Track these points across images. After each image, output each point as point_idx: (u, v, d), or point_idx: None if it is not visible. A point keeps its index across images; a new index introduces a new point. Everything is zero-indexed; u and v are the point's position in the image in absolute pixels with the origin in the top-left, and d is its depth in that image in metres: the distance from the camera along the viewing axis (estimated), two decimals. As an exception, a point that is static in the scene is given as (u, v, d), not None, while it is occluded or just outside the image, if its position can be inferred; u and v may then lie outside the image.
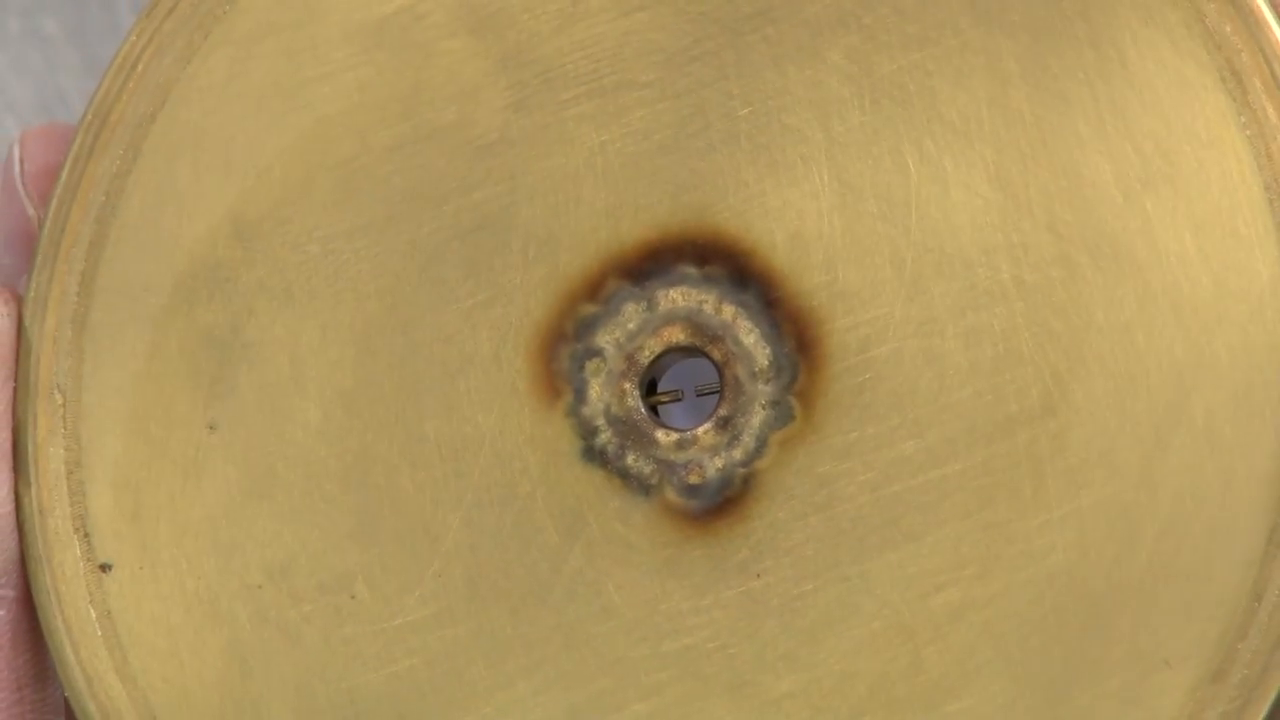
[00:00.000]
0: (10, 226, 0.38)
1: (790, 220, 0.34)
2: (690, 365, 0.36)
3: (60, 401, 0.36)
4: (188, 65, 0.36)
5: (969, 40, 0.34)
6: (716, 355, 0.35)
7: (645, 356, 0.35)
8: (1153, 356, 0.33)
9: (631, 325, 0.35)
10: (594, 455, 0.35)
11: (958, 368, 0.33)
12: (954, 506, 0.33)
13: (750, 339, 0.35)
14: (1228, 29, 0.32)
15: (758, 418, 0.34)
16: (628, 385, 0.35)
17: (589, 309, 0.35)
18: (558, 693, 0.35)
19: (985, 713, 0.33)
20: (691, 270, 0.35)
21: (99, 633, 0.36)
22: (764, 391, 0.34)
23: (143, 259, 0.36)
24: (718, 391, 0.35)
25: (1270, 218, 0.32)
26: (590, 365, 0.35)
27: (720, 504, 0.34)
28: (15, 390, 0.36)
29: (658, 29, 0.35)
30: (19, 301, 0.37)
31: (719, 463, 0.35)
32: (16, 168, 0.38)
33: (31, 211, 0.37)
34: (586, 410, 0.35)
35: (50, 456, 0.36)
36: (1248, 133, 0.32)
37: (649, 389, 0.35)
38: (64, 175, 0.36)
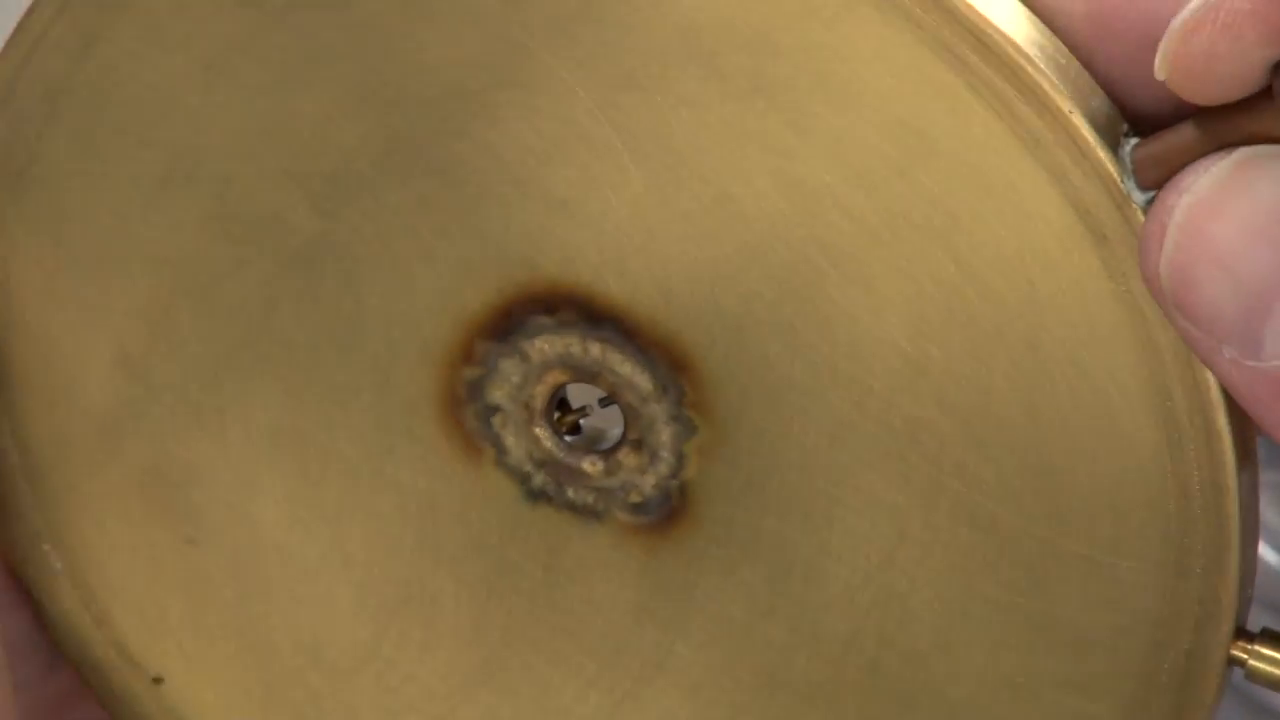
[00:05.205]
0: None
1: (609, 256, 0.32)
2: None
3: (48, 548, 0.38)
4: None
5: (696, 74, 0.31)
6: (604, 387, 0.34)
7: (540, 401, 0.34)
8: (990, 305, 0.30)
9: (515, 378, 0.34)
10: (538, 496, 0.35)
11: (820, 355, 0.32)
12: (876, 474, 0.32)
13: (626, 368, 0.33)
14: (918, 10, 0.29)
15: (665, 433, 0.34)
16: (538, 430, 0.35)
17: (471, 372, 0.34)
18: (597, 695, 0.36)
19: (987, 644, 0.33)
20: (546, 319, 0.33)
21: None
22: (660, 410, 0.34)
23: (54, 417, 0.37)
24: (615, 401, 0.34)
25: (1035, 167, 0.29)
26: (495, 420, 0.35)
27: (670, 514, 0.34)
28: None
29: (352, 119, 0.33)
30: None
31: (651, 480, 0.34)
32: None
33: None
34: (511, 460, 0.35)
35: (63, 596, 0.38)
36: (979, 94, 0.29)
37: (560, 406, 0.35)
38: None
